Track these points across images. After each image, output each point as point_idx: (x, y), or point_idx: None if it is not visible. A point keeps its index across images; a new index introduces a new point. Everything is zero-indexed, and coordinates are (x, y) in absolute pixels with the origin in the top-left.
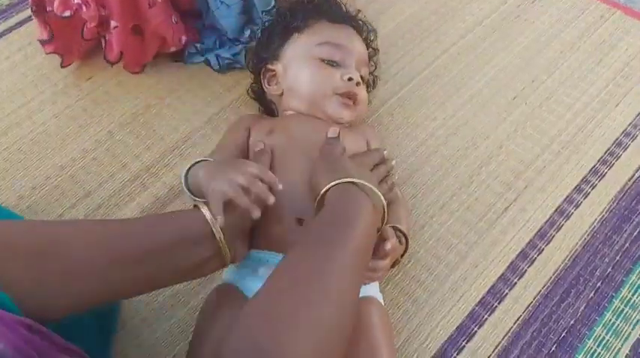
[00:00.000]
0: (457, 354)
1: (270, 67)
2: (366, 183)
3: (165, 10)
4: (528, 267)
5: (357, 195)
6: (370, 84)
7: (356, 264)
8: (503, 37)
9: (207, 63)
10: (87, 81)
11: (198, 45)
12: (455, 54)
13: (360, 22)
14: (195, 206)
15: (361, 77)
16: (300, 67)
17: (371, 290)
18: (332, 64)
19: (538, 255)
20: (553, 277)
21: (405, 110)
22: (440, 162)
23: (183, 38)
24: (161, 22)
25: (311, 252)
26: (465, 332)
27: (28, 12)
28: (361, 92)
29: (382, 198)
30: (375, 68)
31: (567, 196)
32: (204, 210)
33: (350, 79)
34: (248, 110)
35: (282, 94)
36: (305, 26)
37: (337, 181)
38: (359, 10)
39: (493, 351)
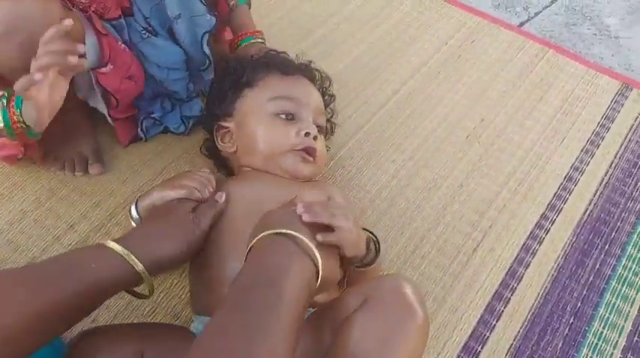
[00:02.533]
0: None
1: (223, 124)
2: (296, 233)
3: None
4: (504, 308)
5: (284, 246)
6: (328, 131)
7: (284, 328)
8: (449, 77)
9: (166, 130)
10: None
11: (154, 115)
12: (406, 94)
13: (314, 71)
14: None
15: (319, 127)
16: (254, 124)
17: None
18: (287, 117)
19: (511, 295)
20: (529, 316)
21: (364, 152)
22: (405, 204)
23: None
24: None
25: (231, 321)
26: None
27: None
28: (320, 145)
29: (315, 250)
30: (332, 115)
31: (530, 233)
32: (114, 246)
33: (307, 134)
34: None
35: (236, 151)
36: (255, 80)
37: (265, 233)
38: (310, 61)
39: None
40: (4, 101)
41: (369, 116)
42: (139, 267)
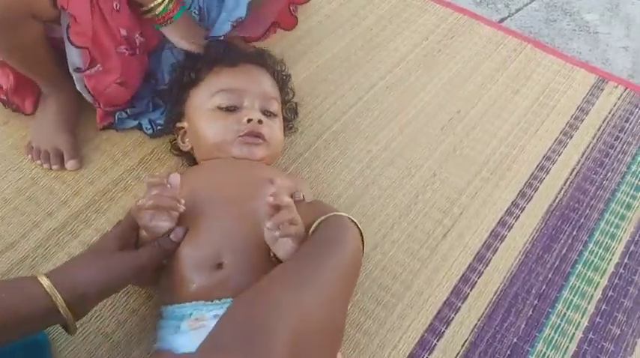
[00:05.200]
0: None
1: (179, 125)
2: (350, 216)
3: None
4: (470, 290)
5: (345, 221)
6: (290, 112)
7: (344, 272)
8: (428, 71)
9: (140, 127)
10: (3, 125)
11: (128, 109)
12: (384, 87)
13: (262, 57)
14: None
15: (269, 112)
16: (200, 121)
17: None
18: (230, 109)
19: (478, 278)
20: (494, 298)
21: (339, 143)
22: (378, 193)
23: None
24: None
25: (304, 255)
26: None
27: None
28: (268, 128)
29: (359, 224)
30: (293, 95)
31: (500, 220)
32: (43, 281)
33: (249, 120)
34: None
35: (192, 149)
36: (199, 79)
37: (330, 214)
38: (261, 49)
39: None
40: (171, 3)
41: (346, 109)
42: (58, 298)
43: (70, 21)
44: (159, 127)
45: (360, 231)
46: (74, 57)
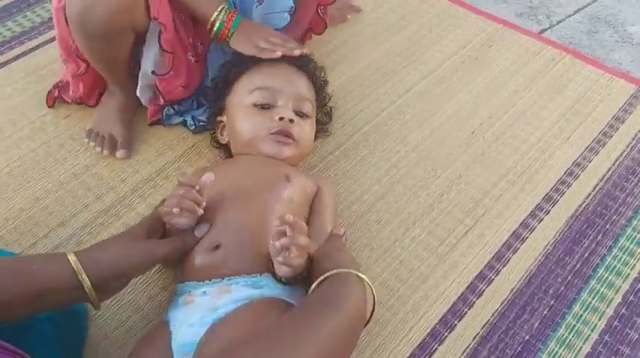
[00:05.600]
0: None
1: (219, 119)
2: (361, 274)
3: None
4: (486, 287)
5: (351, 281)
6: (325, 116)
7: (332, 345)
8: (463, 78)
9: (185, 123)
10: (64, 119)
11: (175, 106)
12: (417, 93)
13: (302, 60)
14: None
15: (302, 113)
16: (237, 116)
17: None
18: (265, 106)
19: (495, 276)
20: (509, 296)
21: (369, 143)
22: (402, 191)
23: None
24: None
25: (288, 322)
26: (426, 349)
27: (4, 58)
28: (299, 128)
29: (372, 288)
30: (329, 99)
31: (523, 221)
32: (71, 258)
33: (281, 119)
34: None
35: (229, 142)
36: (240, 76)
37: (335, 271)
38: (306, 52)
39: None
40: (226, 15)
41: (379, 111)
42: (84, 277)
43: (162, 29)
44: (201, 124)
45: (371, 289)
46: (151, 61)
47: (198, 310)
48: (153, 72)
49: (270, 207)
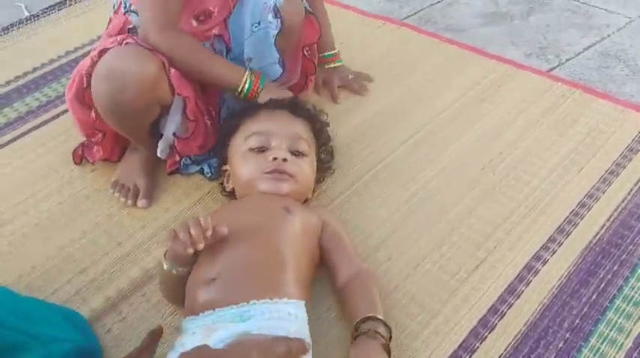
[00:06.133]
0: None
1: (224, 168)
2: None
3: None
4: (499, 321)
5: None
6: (327, 154)
7: None
8: (472, 118)
9: (201, 171)
10: (91, 173)
11: (192, 156)
12: (427, 133)
13: (296, 104)
14: None
15: (298, 152)
16: (236, 162)
17: None
18: (261, 149)
19: (508, 310)
20: (523, 329)
21: (379, 183)
22: (413, 227)
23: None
24: None
25: None
26: None
27: (39, 120)
28: (294, 166)
29: None
30: (329, 139)
31: (535, 254)
32: None
33: (275, 158)
34: None
35: (233, 188)
36: (239, 126)
37: None
38: (295, 97)
39: None
40: (253, 76)
41: (390, 152)
42: None
43: (187, 102)
44: (217, 171)
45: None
46: (173, 127)
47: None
48: (174, 134)
49: (270, 236)
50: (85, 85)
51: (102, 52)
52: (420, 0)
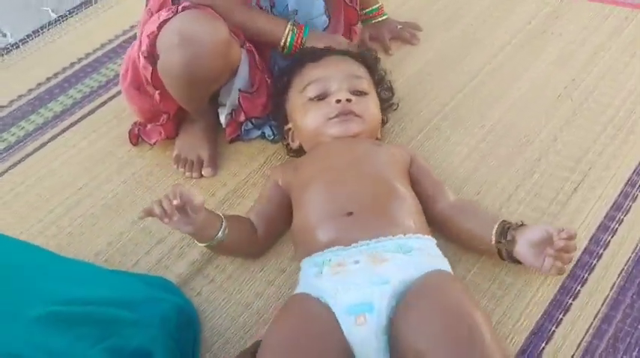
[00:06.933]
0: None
1: (286, 127)
2: None
3: None
4: (611, 238)
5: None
6: (386, 91)
7: None
8: (534, 50)
9: (263, 136)
10: (149, 151)
11: (253, 120)
12: (490, 71)
13: (343, 49)
14: None
15: (358, 91)
16: (298, 116)
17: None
18: (321, 97)
19: (619, 226)
20: (633, 255)
21: (450, 124)
22: (497, 161)
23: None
24: None
25: None
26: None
27: (88, 109)
28: (359, 105)
29: None
30: (385, 74)
31: (635, 169)
32: None
33: (338, 101)
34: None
35: (300, 145)
36: (290, 82)
37: None
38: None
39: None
40: (295, 27)
41: (454, 94)
42: None
43: (255, 52)
44: (279, 134)
45: None
46: (240, 81)
47: (360, 275)
48: (240, 90)
49: (380, 172)
50: (145, 66)
51: (162, 25)
52: None
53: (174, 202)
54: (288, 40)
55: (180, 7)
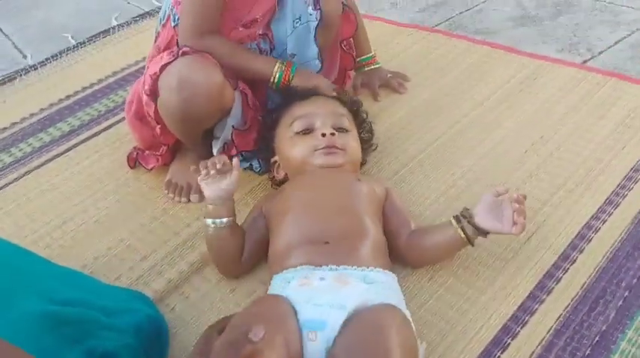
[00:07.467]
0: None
1: (272, 160)
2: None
3: None
4: (555, 285)
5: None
6: (367, 132)
7: None
8: (510, 107)
9: (250, 168)
10: (144, 174)
11: (242, 153)
12: (466, 124)
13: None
14: None
15: (341, 128)
16: (285, 148)
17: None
18: (306, 132)
19: (564, 274)
20: (580, 291)
21: (424, 169)
22: (462, 205)
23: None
24: None
25: None
26: (498, 344)
27: (93, 131)
28: (342, 139)
29: None
30: (367, 116)
31: (586, 223)
32: None
33: (324, 135)
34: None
35: (286, 175)
36: (278, 119)
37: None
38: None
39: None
40: (283, 65)
41: (431, 141)
42: None
43: (248, 93)
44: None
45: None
46: (234, 120)
47: (323, 293)
48: (233, 126)
49: (355, 207)
50: (148, 103)
51: (163, 68)
52: (448, 9)
53: (218, 166)
54: (277, 76)
55: (180, 52)
